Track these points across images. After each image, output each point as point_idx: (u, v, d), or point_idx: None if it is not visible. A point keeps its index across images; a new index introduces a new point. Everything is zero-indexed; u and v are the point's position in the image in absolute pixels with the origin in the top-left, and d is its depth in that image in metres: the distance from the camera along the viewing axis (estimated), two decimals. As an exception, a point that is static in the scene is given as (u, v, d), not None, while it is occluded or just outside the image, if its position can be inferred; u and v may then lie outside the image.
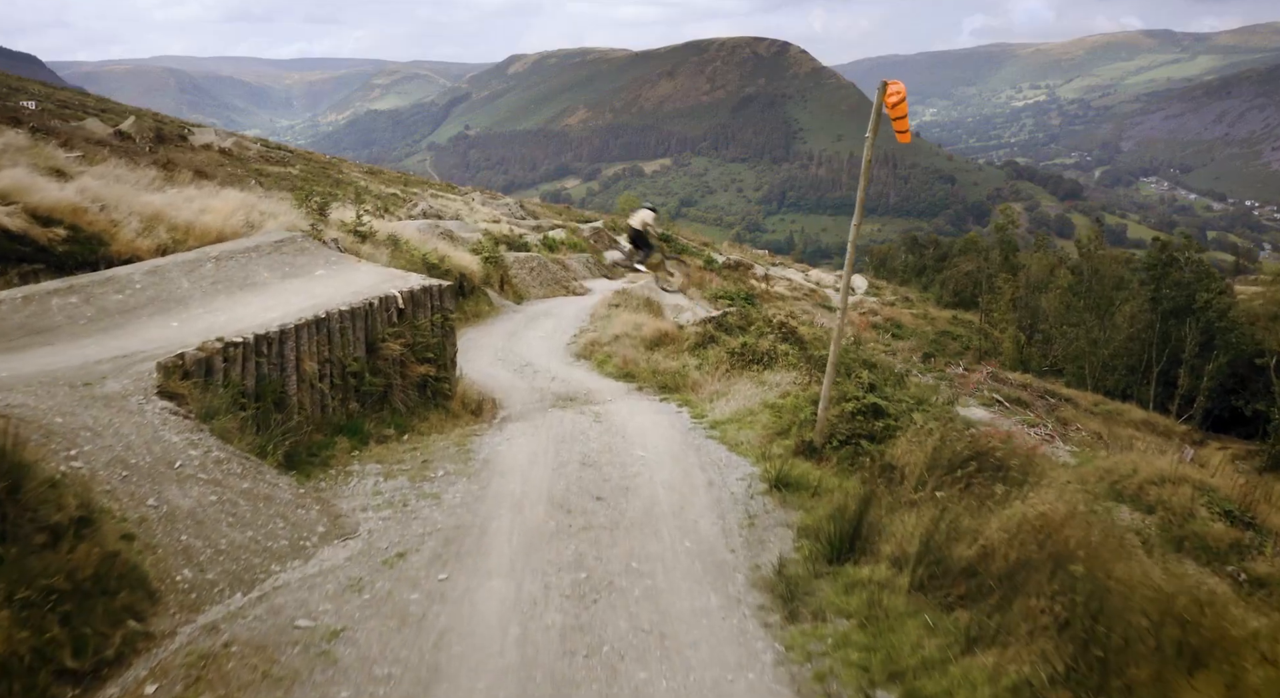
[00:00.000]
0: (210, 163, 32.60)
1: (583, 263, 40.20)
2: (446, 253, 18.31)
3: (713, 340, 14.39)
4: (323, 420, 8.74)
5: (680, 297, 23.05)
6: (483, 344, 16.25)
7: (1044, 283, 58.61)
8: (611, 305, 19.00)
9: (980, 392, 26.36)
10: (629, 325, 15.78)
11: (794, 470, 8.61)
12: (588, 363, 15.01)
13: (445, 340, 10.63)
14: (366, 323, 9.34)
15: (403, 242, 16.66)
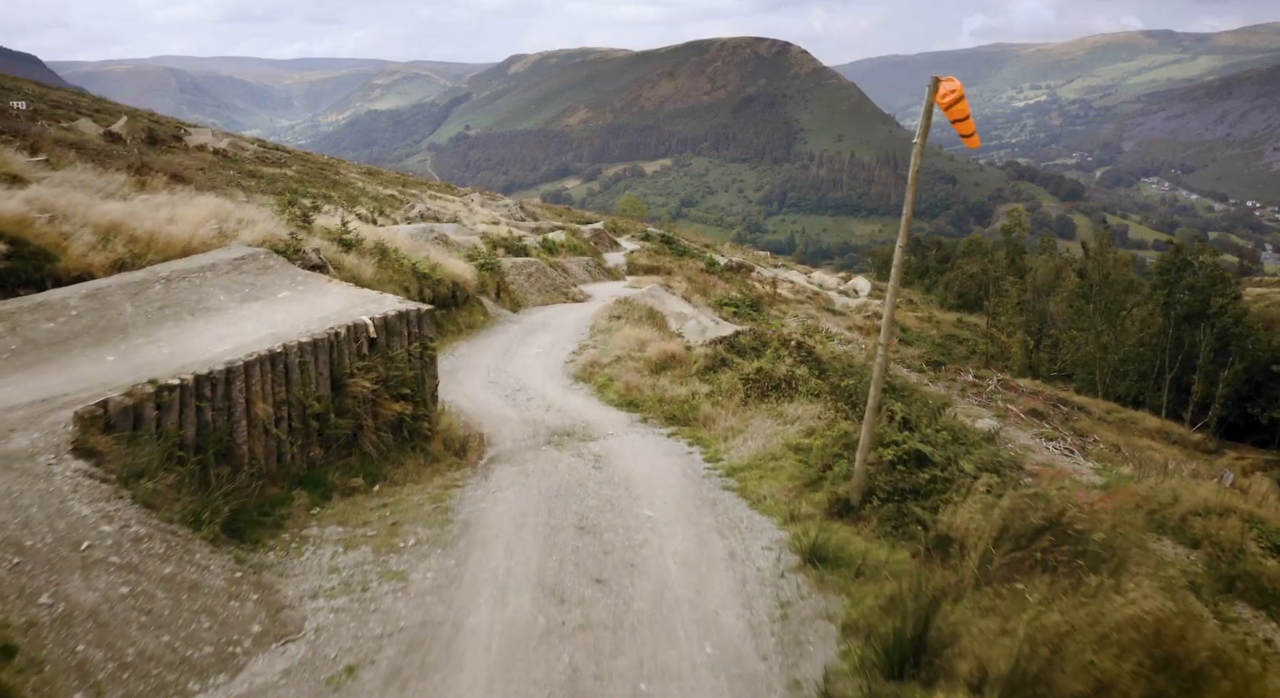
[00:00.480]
0: (194, 165, 31.61)
1: (583, 266, 39.20)
2: (439, 261, 17.32)
3: (724, 364, 13.13)
4: (279, 471, 7.67)
5: (684, 304, 21.97)
6: (474, 362, 15.22)
7: (1050, 286, 57.56)
8: (613, 317, 17.99)
9: (994, 402, 25.33)
10: (632, 342, 14.75)
11: (831, 539, 7.33)
12: (587, 387, 13.83)
13: (424, 373, 9.54)
14: (332, 356, 8.31)
15: (391, 250, 15.64)
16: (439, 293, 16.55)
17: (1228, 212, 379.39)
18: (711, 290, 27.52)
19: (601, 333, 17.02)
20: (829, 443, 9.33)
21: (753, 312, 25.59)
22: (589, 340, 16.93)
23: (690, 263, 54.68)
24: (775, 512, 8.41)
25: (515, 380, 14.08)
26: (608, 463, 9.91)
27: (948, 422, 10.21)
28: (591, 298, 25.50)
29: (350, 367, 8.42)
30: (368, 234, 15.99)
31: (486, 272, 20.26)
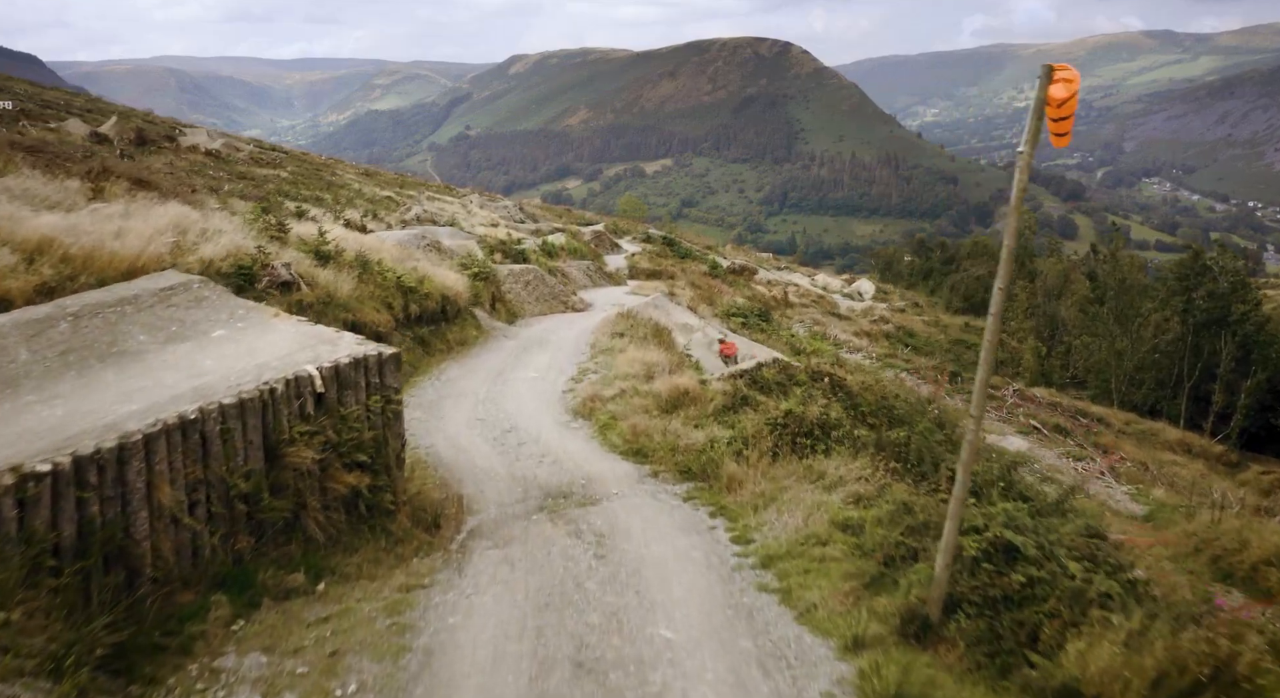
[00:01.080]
0: (182, 168, 30.61)
1: (583, 271, 38.17)
2: (427, 273, 16.24)
3: (745, 402, 11.46)
4: (193, 572, 6.18)
5: (689, 315, 20.89)
6: (462, 389, 13.85)
7: (1059, 289, 56.49)
8: (615, 334, 16.81)
9: (1015, 417, 24.29)
10: (637, 369, 13.45)
11: (911, 678, 5.68)
12: (587, 426, 12.14)
13: (387, 432, 7.92)
14: (266, 419, 6.79)
15: (374, 263, 14.53)
16: (426, 308, 15.57)
17: (1229, 212, 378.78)
18: (718, 299, 26.46)
19: (603, 353, 15.75)
20: (885, 521, 7.77)
21: (761, 322, 24.57)
22: (589, 363, 15.54)
23: (692, 266, 53.66)
24: (831, 630, 6.65)
25: (506, 416, 12.63)
26: (612, 546, 8.23)
27: (1020, 484, 8.53)
28: (592, 306, 24.40)
29: (290, 431, 6.90)
30: (351, 243, 14.96)
31: (481, 282, 19.17)
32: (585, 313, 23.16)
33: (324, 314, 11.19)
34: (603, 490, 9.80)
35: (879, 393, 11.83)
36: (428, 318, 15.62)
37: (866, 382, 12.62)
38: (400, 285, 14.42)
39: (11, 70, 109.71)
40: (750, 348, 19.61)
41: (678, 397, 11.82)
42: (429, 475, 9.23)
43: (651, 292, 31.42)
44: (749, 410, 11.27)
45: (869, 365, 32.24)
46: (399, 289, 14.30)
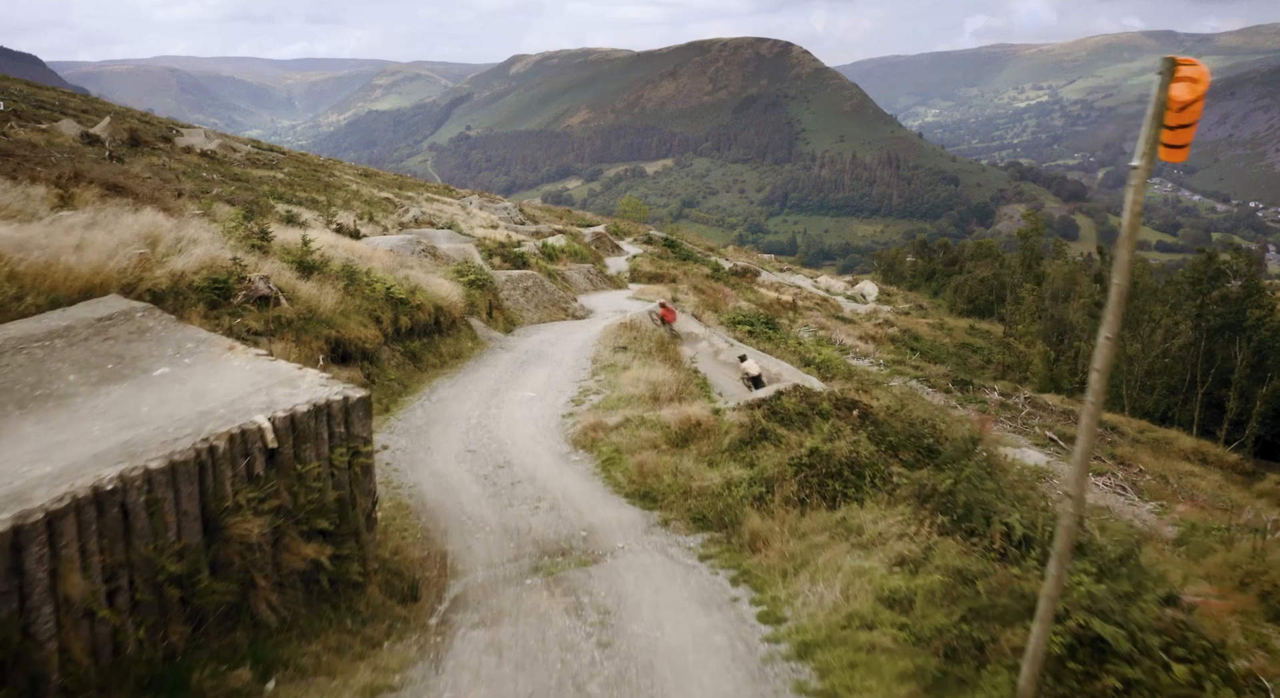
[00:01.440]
0: (176, 169, 29.93)
1: (584, 274, 37.49)
2: (420, 283, 15.45)
3: (765, 437, 10.14)
4: (114, 673, 5.00)
5: (694, 323, 20.13)
6: (452, 413, 12.76)
7: (1065, 292, 55.74)
8: (617, 347, 15.96)
9: (1031, 428, 23.54)
10: (642, 389, 12.51)
11: None
12: (589, 459, 10.95)
13: (355, 490, 6.69)
14: (205, 483, 5.63)
15: (362, 273, 13.74)
16: (418, 320, 14.80)
17: (1230, 212, 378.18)
18: (722, 305, 25.72)
19: (605, 369, 14.82)
20: (939, 597, 6.52)
21: (768, 329, 23.84)
22: (591, 381, 14.46)
23: (694, 268, 53.00)
24: None
25: (499, 446, 11.52)
26: (619, 628, 7.00)
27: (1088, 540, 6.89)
28: (593, 313, 23.63)
29: (235, 497, 5.72)
30: (340, 252, 14.22)
31: (477, 290, 18.37)
32: (586, 321, 22.37)
33: (305, 330, 10.50)
34: (606, 544, 8.73)
35: (906, 418, 10.74)
36: (420, 330, 14.85)
37: (891, 405, 11.61)
38: (390, 297, 13.64)
39: (12, 71, 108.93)
40: (758, 358, 18.85)
41: (689, 428, 10.62)
42: (410, 526, 8.29)
43: (654, 296, 30.73)
44: (769, 446, 10.06)
45: (877, 372, 31.53)
46: (388, 301, 13.49)
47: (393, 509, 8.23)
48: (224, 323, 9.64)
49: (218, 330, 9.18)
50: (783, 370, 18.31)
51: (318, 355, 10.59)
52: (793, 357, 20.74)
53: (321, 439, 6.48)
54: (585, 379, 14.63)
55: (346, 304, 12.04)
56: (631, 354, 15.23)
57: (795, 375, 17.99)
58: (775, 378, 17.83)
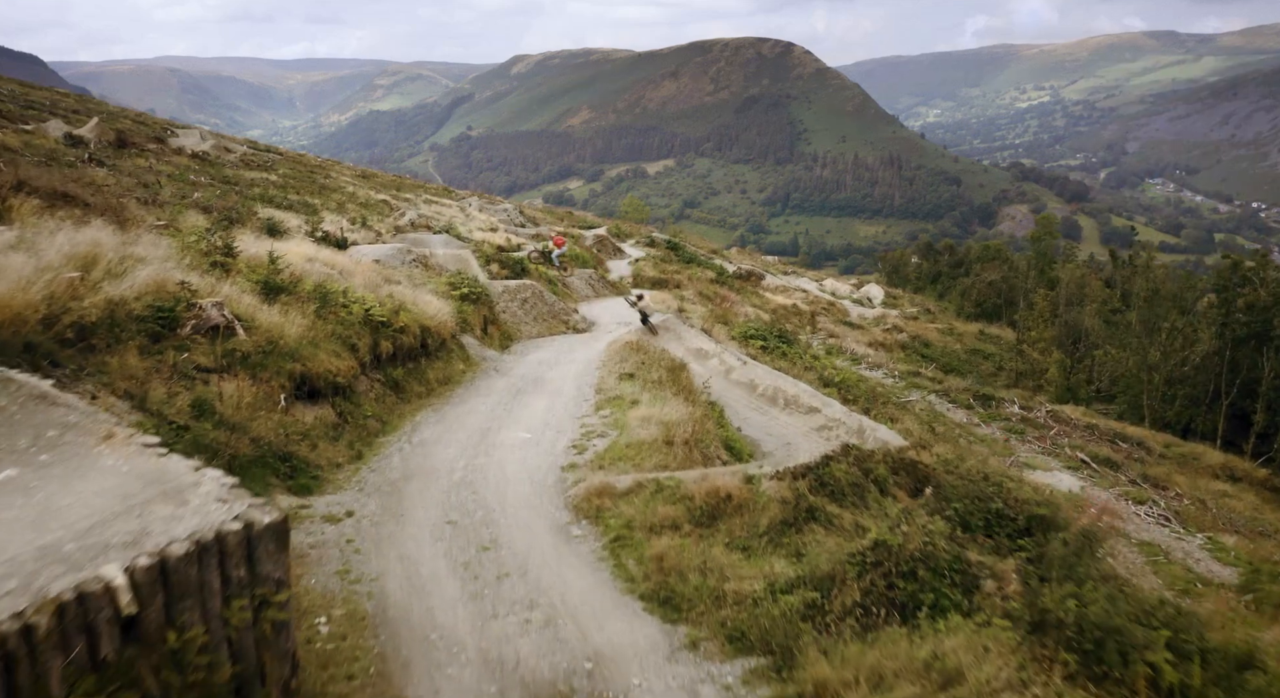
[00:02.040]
0: (162, 171, 28.70)
1: (585, 280, 36.24)
2: (405, 300, 14.00)
3: (811, 516, 8.42)
4: None
5: (704, 338, 18.82)
6: (434, 462, 10.95)
7: (1078, 297, 54.40)
8: (623, 374, 14.35)
9: (1060, 448, 22.25)
10: (654, 433, 10.93)
11: None
12: (594, 535, 9.12)
13: (262, 656, 4.94)
14: (14, 679, 3.85)
15: (337, 293, 12.26)
16: (402, 344, 13.38)
17: (1233, 213, 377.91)
18: (732, 317, 24.38)
19: (611, 402, 13.24)
20: None
21: (781, 344, 22.56)
22: (594, 418, 12.78)
23: (698, 272, 51.73)
24: None
25: (485, 513, 9.78)
26: None
27: None
28: (596, 325, 22.28)
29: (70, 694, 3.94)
30: (319, 266, 12.87)
31: (470, 305, 16.94)
32: (589, 335, 20.97)
33: (264, 365, 9.15)
34: (618, 681, 6.94)
35: (964, 473, 9.19)
36: (404, 355, 13.48)
37: (947, 456, 10.08)
38: (369, 320, 12.25)
39: (12, 71, 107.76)
40: (775, 380, 17.53)
41: (716, 501, 8.74)
42: (362, 651, 6.45)
43: (658, 304, 29.47)
44: (817, 529, 8.26)
45: (892, 385, 30.28)
46: (367, 325, 12.01)
47: (344, 621, 6.60)
48: (168, 359, 8.31)
49: (160, 369, 7.93)
50: (800, 393, 16.94)
51: (278, 395, 9.25)
52: (809, 375, 19.42)
53: (210, 590, 4.48)
54: (588, 415, 13.04)
55: (317, 331, 10.61)
56: (639, 384, 13.50)
57: (814, 398, 16.68)
58: (793, 401, 16.54)
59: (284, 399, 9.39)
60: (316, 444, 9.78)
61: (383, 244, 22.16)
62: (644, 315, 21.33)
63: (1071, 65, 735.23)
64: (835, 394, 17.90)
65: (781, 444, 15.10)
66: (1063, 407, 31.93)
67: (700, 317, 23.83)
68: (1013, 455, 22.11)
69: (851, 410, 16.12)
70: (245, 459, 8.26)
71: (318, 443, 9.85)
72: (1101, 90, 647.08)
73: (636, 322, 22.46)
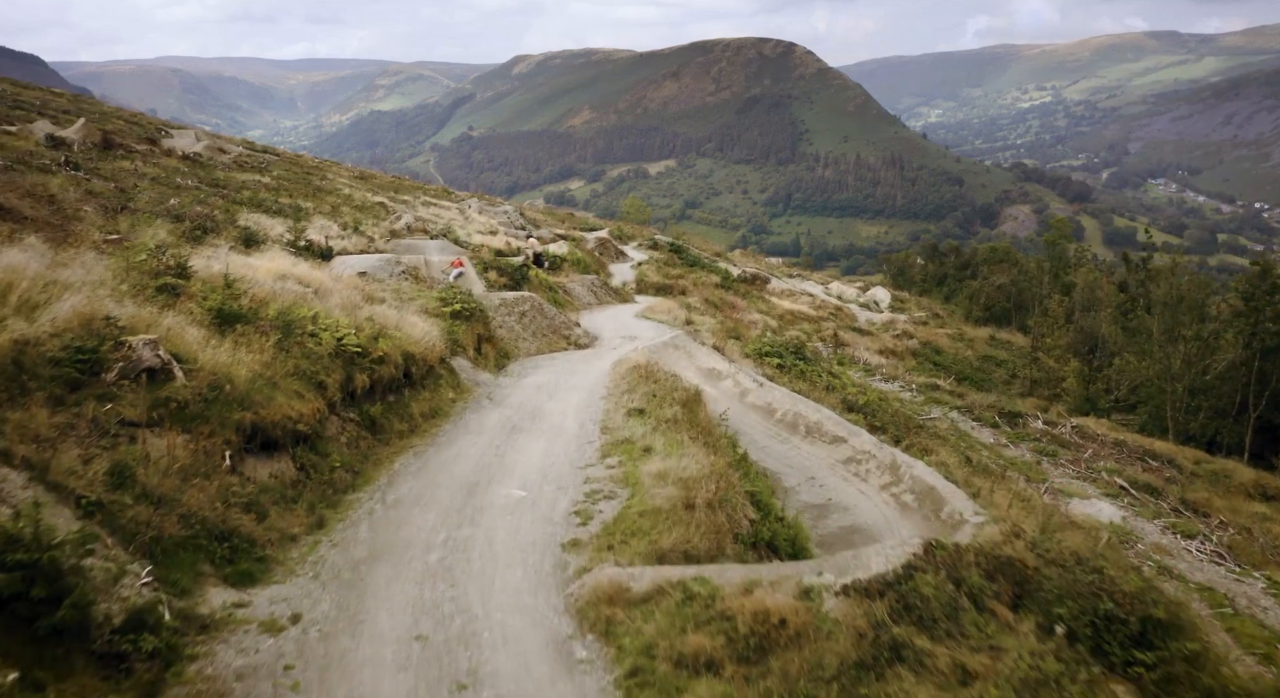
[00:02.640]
0: (151, 174, 27.42)
1: (587, 287, 34.95)
2: (387, 323, 12.47)
3: (897, 655, 6.33)
4: None
5: (715, 357, 17.44)
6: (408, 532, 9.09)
7: (1092, 302, 52.98)
8: (632, 410, 12.66)
9: (1097, 473, 20.87)
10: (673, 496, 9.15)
11: None
12: (605, 660, 7.07)
13: None
14: None
15: (304, 320, 10.74)
16: (381, 376, 11.79)
17: (1236, 213, 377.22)
18: (745, 331, 22.94)
19: (620, 447, 11.51)
20: None
21: (798, 361, 21.20)
22: (601, 469, 10.94)
23: (703, 276, 50.44)
24: None
25: (465, 621, 7.74)
26: None
27: None
28: (599, 340, 20.87)
29: None
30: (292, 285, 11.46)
31: (463, 322, 15.42)
32: (592, 351, 19.53)
33: (206, 416, 7.60)
34: None
35: (1062, 560, 7.52)
36: (384, 388, 11.99)
37: (1035, 538, 8.38)
38: (341, 350, 10.74)
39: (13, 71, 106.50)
40: (795, 404, 16.12)
41: (767, 630, 6.64)
42: None
43: (665, 314, 28.13)
44: (904, 672, 6.14)
45: (911, 399, 28.90)
46: (338, 357, 10.61)
47: None
48: (86, 412, 6.84)
49: (76, 426, 6.51)
50: (823, 419, 15.53)
51: (222, 452, 7.64)
52: (831, 397, 18.00)
53: None
54: (593, 463, 11.24)
55: (276, 368, 9.06)
56: (650, 423, 11.84)
57: (839, 425, 15.26)
58: (815, 428, 15.14)
59: (229, 457, 7.77)
60: (267, 512, 8.02)
61: (370, 255, 20.67)
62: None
63: (1073, 65, 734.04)
64: (862, 422, 16.48)
65: (805, 478, 13.73)
66: (1087, 420, 30.59)
67: (710, 330, 22.46)
68: (1047, 481, 20.79)
69: (881, 441, 14.72)
70: (172, 541, 6.69)
71: (269, 510, 8.13)
72: (1103, 90, 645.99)
73: (642, 336, 21.17)
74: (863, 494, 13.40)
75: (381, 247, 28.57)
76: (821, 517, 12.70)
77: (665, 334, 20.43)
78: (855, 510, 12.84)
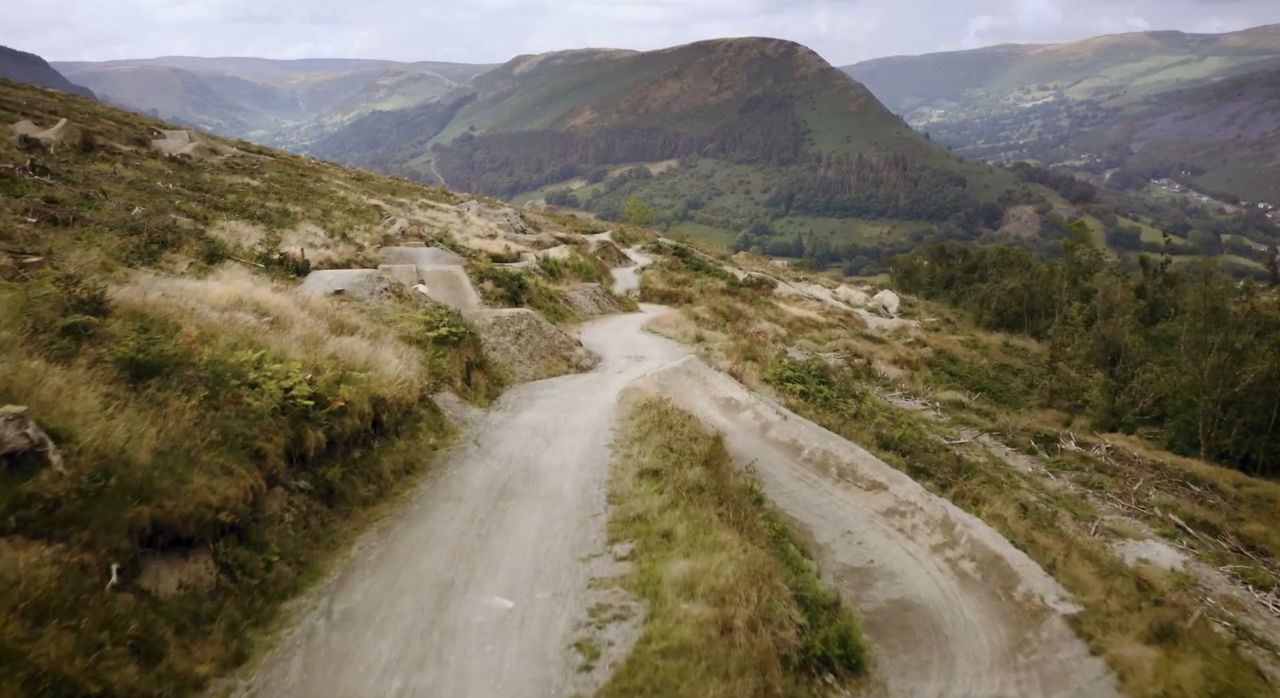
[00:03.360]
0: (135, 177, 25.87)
1: (589, 295, 33.28)
2: (357, 359, 10.34)
3: None
4: None
5: (732, 384, 15.71)
6: (352, 668, 6.87)
7: (1111, 308, 51.19)
8: (645, 471, 10.43)
9: (1149, 508, 19.13)
10: (705, 628, 6.87)
11: None
12: None
13: None
14: None
15: (244, 364, 8.60)
16: (343, 430, 9.60)
17: (1239, 214, 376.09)
18: (760, 350, 21.13)
19: (632, 529, 9.21)
20: None
21: (823, 387, 19.44)
22: (610, 571, 8.51)
23: (709, 282, 48.76)
24: None
25: None
26: None
27: None
28: (602, 361, 19.12)
29: None
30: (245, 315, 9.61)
31: (450, 349, 13.51)
32: (594, 376, 17.67)
33: (86, 517, 5.71)
34: None
35: None
36: (345, 442, 9.83)
37: None
38: (287, 406, 8.54)
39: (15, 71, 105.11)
40: (823, 441, 14.32)
41: None
42: None
43: (672, 327, 26.44)
44: None
45: (935, 419, 27.17)
46: (284, 413, 8.46)
47: None
48: None
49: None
50: (857, 460, 13.72)
51: (106, 563, 5.56)
52: (864, 434, 16.12)
53: None
54: (599, 553, 9.01)
55: (197, 438, 7.00)
56: (668, 491, 9.77)
57: (876, 468, 13.43)
58: (849, 471, 13.35)
59: (115, 572, 5.67)
60: (164, 648, 5.70)
61: (350, 270, 18.75)
62: None
63: (1075, 65, 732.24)
64: (901, 463, 14.66)
65: (840, 532, 11.86)
66: (1118, 438, 28.87)
67: (723, 349, 20.66)
68: (1096, 520, 19.05)
69: (927, 488, 12.91)
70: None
71: (167, 644, 5.78)
72: (1105, 90, 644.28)
73: (649, 355, 19.48)
74: (911, 557, 11.47)
75: (371, 255, 26.89)
76: (864, 585, 10.84)
77: (675, 354, 18.68)
78: (904, 579, 10.95)
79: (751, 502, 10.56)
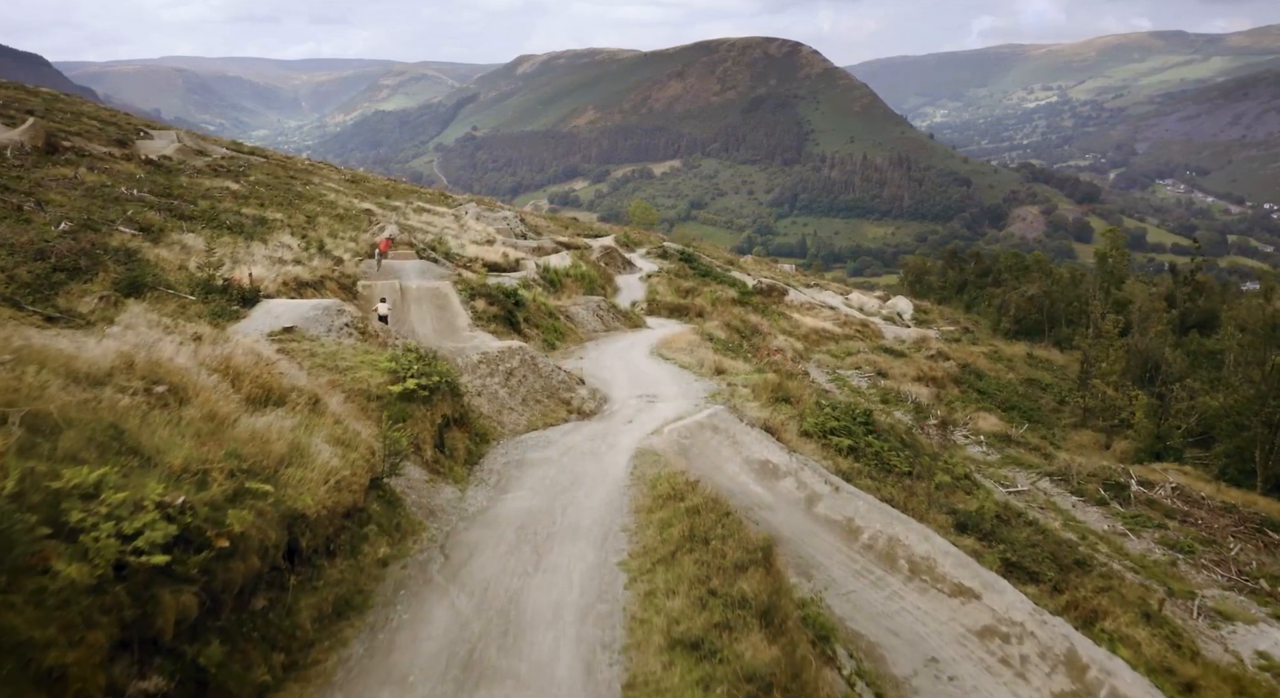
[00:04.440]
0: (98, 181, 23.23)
1: (593, 311, 30.56)
2: (270, 456, 6.97)
3: None
4: None
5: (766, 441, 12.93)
6: None
7: (1145, 318, 48.45)
8: (676, 642, 6.78)
9: (1254, 580, 16.44)
10: None
11: None
12: None
13: None
14: None
15: (72, 489, 5.21)
16: (232, 579, 6.19)
17: (1244, 214, 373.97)
18: (794, 389, 18.19)
19: None
20: None
21: (871, 437, 16.66)
22: None
23: (719, 290, 46.06)
24: None
25: None
26: None
27: None
28: (608, 403, 16.34)
29: None
30: (137, 379, 6.62)
31: (420, 406, 10.54)
32: (598, 426, 14.66)
33: None
34: None
35: None
36: (240, 594, 6.47)
37: None
38: (127, 566, 5.19)
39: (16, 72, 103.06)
40: (887, 523, 11.26)
41: None
42: None
43: (684, 352, 23.72)
44: None
45: (983, 457, 24.45)
46: (121, 579, 5.10)
47: None
48: None
49: None
50: (934, 553, 10.57)
51: None
52: (938, 514, 13.08)
53: None
54: None
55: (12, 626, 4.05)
56: (720, 692, 6.40)
57: (962, 567, 10.22)
58: (924, 567, 10.38)
59: None
60: None
61: (305, 301, 15.70)
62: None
63: (1079, 65, 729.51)
64: (993, 558, 11.56)
65: (922, 661, 8.79)
66: (1176, 471, 26.14)
67: (749, 387, 17.76)
68: (1196, 598, 16.28)
69: (1034, 602, 9.87)
70: None
71: None
72: (1109, 90, 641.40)
73: (663, 393, 16.83)
74: (1028, 708, 8.52)
75: (350, 270, 24.18)
76: (971, 754, 7.95)
77: (693, 392, 15.96)
78: (1027, 748, 8.01)
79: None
